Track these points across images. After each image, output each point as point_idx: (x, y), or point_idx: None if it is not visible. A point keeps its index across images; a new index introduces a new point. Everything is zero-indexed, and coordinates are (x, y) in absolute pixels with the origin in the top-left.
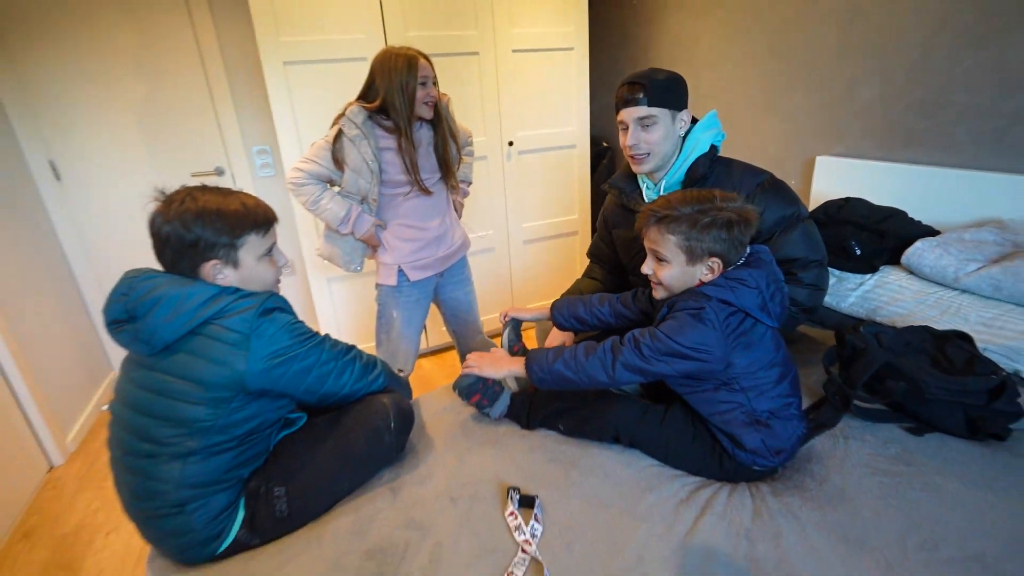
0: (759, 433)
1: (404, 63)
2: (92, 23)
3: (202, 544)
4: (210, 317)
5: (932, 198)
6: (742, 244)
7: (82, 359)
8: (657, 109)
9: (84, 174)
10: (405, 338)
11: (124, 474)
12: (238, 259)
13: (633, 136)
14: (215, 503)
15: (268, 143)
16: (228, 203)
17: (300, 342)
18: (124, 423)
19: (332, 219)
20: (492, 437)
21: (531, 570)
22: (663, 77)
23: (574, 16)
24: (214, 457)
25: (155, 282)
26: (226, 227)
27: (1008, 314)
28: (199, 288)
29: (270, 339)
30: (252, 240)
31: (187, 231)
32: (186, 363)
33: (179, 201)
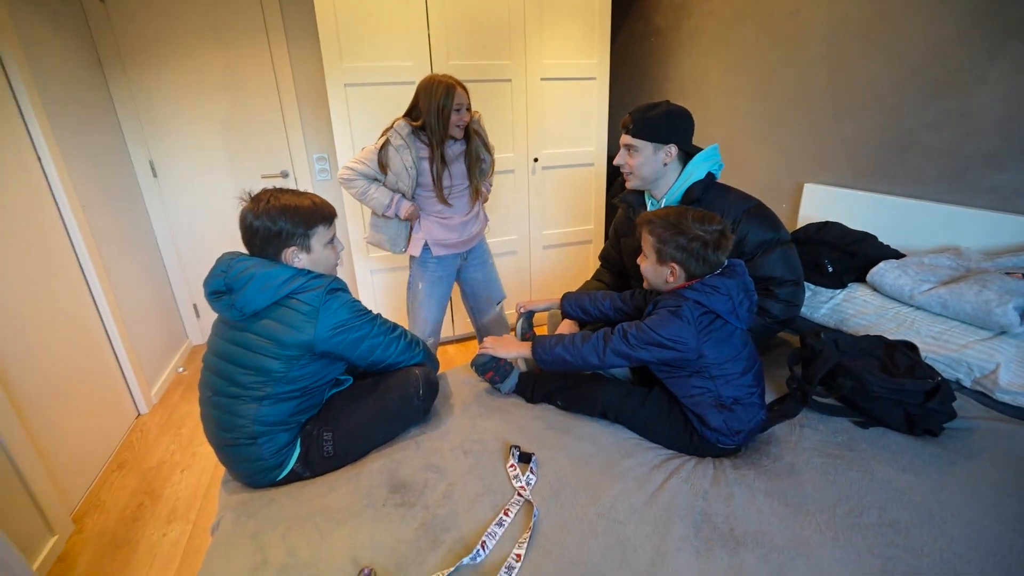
0: (722, 415)
1: (443, 90)
2: (191, 48)
3: (267, 471)
4: (289, 292)
5: (902, 225)
6: (705, 259)
7: (165, 328)
8: (639, 140)
9: (175, 172)
10: (425, 307)
11: (212, 410)
12: (310, 246)
13: (620, 157)
14: (280, 439)
15: (326, 151)
16: (302, 201)
17: (357, 316)
18: (216, 370)
19: (378, 205)
20: (501, 407)
21: (523, 510)
22: (654, 115)
23: (598, 49)
24: (282, 403)
25: (247, 263)
26: (302, 220)
27: (953, 330)
28: (282, 269)
29: (334, 312)
30: (320, 231)
31: (273, 223)
32: (269, 327)
33: (265, 200)
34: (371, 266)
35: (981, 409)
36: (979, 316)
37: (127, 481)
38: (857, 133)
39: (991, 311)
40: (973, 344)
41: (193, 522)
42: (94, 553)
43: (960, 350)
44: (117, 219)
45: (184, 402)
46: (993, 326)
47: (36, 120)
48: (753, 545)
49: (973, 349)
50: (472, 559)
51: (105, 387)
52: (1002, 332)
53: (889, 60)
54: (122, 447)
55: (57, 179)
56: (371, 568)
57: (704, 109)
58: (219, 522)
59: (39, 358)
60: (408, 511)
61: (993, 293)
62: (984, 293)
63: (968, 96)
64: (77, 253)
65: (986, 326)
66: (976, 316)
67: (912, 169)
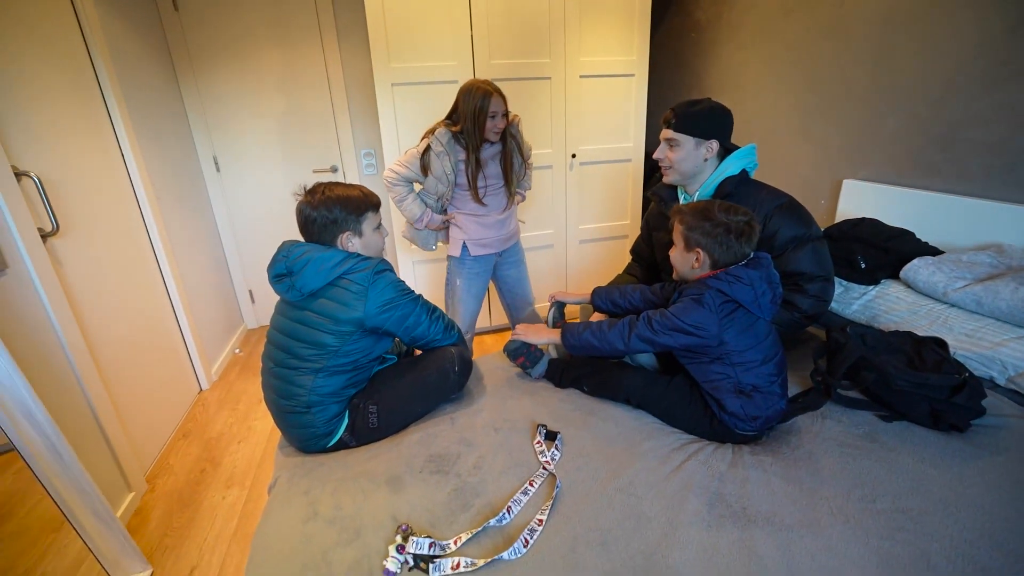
0: (740, 400)
1: (480, 97)
2: (251, 50)
3: (318, 438)
4: (342, 273)
5: (944, 222)
6: (729, 247)
7: (224, 313)
8: (680, 135)
9: (236, 166)
10: (463, 303)
11: (272, 379)
12: (362, 231)
13: (660, 151)
14: (331, 410)
15: (373, 147)
16: (352, 192)
17: (402, 295)
18: (277, 344)
19: (410, 216)
20: (531, 390)
21: (547, 482)
22: (696, 109)
23: (637, 46)
24: (335, 376)
25: (305, 248)
26: (354, 208)
27: (987, 327)
28: (335, 253)
29: (381, 291)
30: (370, 216)
31: (329, 212)
32: (325, 305)
33: (320, 192)
34: (413, 257)
35: (1014, 408)
36: (1015, 314)
37: (191, 449)
38: (901, 128)
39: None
40: (1008, 342)
41: (248, 488)
42: (164, 510)
43: (994, 348)
44: (185, 211)
45: (240, 380)
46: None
47: (121, 121)
48: (764, 523)
49: (1008, 347)
50: (498, 521)
51: (173, 364)
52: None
53: (936, 53)
54: (187, 419)
55: (137, 174)
56: (408, 524)
57: (743, 104)
58: (275, 481)
59: (121, 336)
60: (442, 478)
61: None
62: (1021, 290)
63: (1018, 90)
64: (153, 243)
65: (1022, 324)
66: (1012, 314)
67: (957, 165)
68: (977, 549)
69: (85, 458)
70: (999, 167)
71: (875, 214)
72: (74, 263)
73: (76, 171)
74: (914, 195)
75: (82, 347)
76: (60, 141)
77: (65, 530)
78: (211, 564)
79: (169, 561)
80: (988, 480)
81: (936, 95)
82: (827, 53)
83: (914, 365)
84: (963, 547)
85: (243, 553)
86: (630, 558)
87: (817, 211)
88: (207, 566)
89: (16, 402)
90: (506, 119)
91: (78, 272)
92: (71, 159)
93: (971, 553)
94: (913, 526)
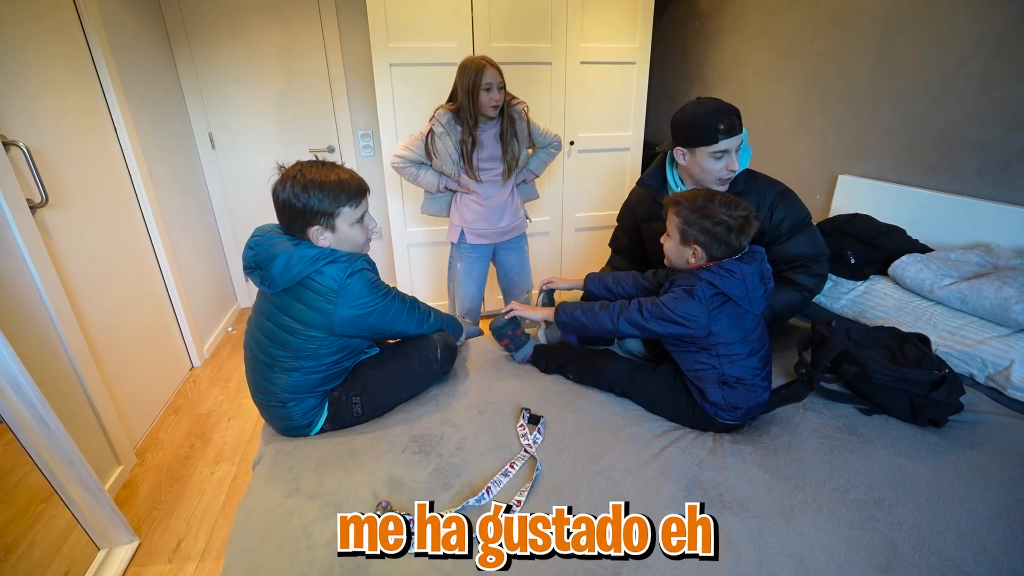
0: (722, 390)
1: (474, 70)
2: (250, 27)
3: (297, 428)
4: (311, 273)
5: (937, 221)
6: (727, 244)
7: (217, 289)
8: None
9: (231, 144)
10: (464, 286)
11: (250, 372)
12: (335, 225)
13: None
14: (307, 404)
15: (371, 128)
16: (329, 176)
17: (376, 298)
18: (253, 336)
19: (429, 186)
20: (517, 374)
21: (528, 464)
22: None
23: (639, 34)
24: (309, 376)
25: (274, 241)
26: (326, 197)
27: (970, 325)
28: (304, 249)
29: (355, 296)
30: (346, 211)
31: (297, 200)
32: (294, 306)
33: (292, 175)
34: (408, 240)
35: (991, 404)
36: (998, 312)
37: (181, 424)
38: (898, 124)
39: (1010, 308)
40: (989, 340)
41: (237, 464)
42: (153, 484)
43: (976, 345)
44: (179, 186)
45: (232, 358)
46: (1011, 323)
47: (114, 92)
48: (738, 509)
49: (989, 345)
50: (477, 501)
51: (165, 340)
52: (1020, 330)
53: (937, 49)
54: (177, 394)
55: (130, 148)
56: (387, 501)
57: (744, 96)
58: (260, 457)
59: (111, 309)
60: (424, 458)
61: (1013, 290)
62: (1004, 290)
63: (1014, 89)
64: (145, 217)
65: (1004, 323)
66: (995, 312)
67: (952, 162)
68: (943, 539)
69: (74, 431)
70: (994, 165)
71: (869, 210)
72: (64, 235)
73: (67, 142)
74: (908, 192)
75: (72, 320)
76: (50, 111)
77: (54, 501)
78: (198, 537)
79: (156, 533)
80: (960, 473)
81: (934, 92)
82: (828, 47)
83: (896, 360)
84: (930, 537)
85: (229, 527)
86: None
87: (812, 205)
88: (194, 539)
89: (3, 374)
90: (502, 93)
91: (68, 245)
92: (62, 130)
93: (937, 543)
94: (883, 515)
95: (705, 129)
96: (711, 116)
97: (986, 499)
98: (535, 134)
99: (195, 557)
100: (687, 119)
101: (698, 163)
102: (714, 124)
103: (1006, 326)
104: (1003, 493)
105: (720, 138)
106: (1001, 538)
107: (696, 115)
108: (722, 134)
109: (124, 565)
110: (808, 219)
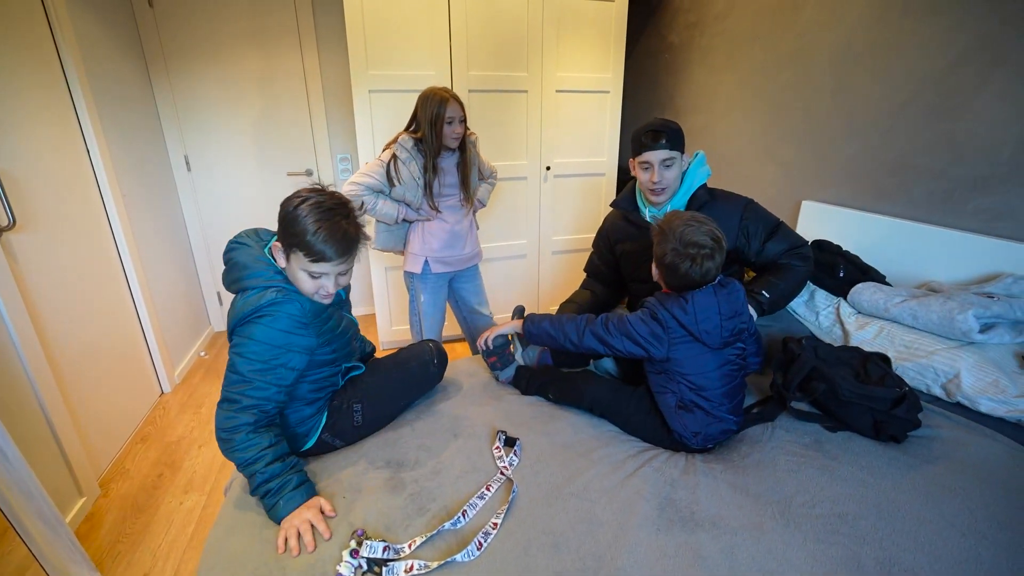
0: (680, 417)
1: (437, 103)
2: (229, 51)
3: (293, 439)
4: (245, 288)
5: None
6: (677, 273)
7: (190, 314)
8: (674, 152)
9: (208, 166)
10: (429, 316)
11: None
12: (290, 257)
13: (659, 174)
14: (304, 412)
15: (349, 151)
16: (318, 224)
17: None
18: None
19: (388, 218)
20: (496, 396)
21: (504, 486)
22: (674, 126)
23: (612, 64)
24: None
25: (240, 249)
26: (290, 232)
27: (922, 339)
28: (256, 268)
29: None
30: (297, 255)
31: (283, 210)
32: (231, 309)
33: (303, 196)
34: (385, 263)
35: (945, 419)
36: (944, 324)
37: (149, 453)
38: (856, 153)
39: (953, 318)
40: (939, 351)
41: (208, 493)
42: (118, 515)
43: (928, 356)
44: (153, 209)
45: (204, 384)
46: (956, 333)
47: (87, 113)
48: (710, 527)
49: (938, 355)
50: (453, 524)
51: (133, 365)
52: (968, 343)
53: (888, 85)
54: (146, 422)
55: (102, 168)
56: (363, 529)
57: (712, 125)
58: (231, 483)
59: (78, 334)
60: (399, 484)
61: (956, 303)
62: (948, 303)
63: (957, 121)
64: (116, 240)
65: (950, 334)
66: (942, 324)
67: (905, 190)
68: (904, 552)
69: (34, 461)
70: (940, 193)
71: (831, 235)
72: (31, 259)
73: (36, 165)
74: (867, 218)
75: (36, 346)
76: (20, 133)
77: (8, 537)
78: (164, 570)
79: (120, 567)
80: (919, 488)
81: (887, 124)
82: (790, 80)
83: (860, 378)
84: (892, 550)
85: (198, 558)
86: (580, 560)
87: None
88: (160, 572)
89: None
90: (463, 125)
91: (35, 268)
92: (31, 152)
93: (898, 556)
94: (848, 530)
95: (635, 142)
96: (641, 130)
97: (941, 511)
98: (480, 165)
99: None
100: (632, 133)
101: (636, 174)
102: (639, 137)
103: (952, 337)
104: (957, 504)
105: (643, 150)
106: (955, 547)
107: (635, 130)
108: (645, 147)
109: None
110: (776, 221)
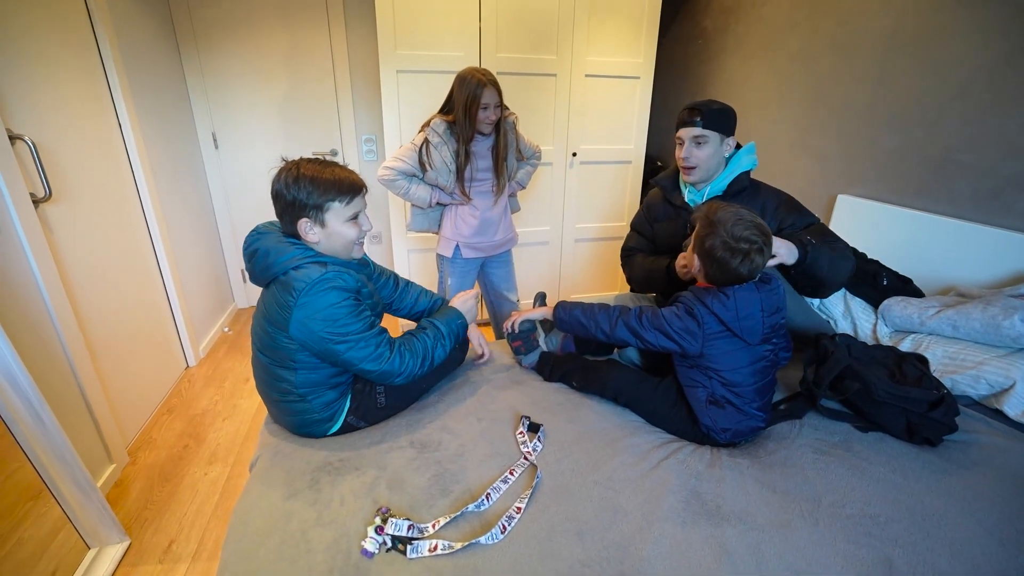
0: (711, 412)
1: (474, 86)
2: (258, 30)
3: (317, 423)
4: (285, 271)
5: (931, 242)
6: (724, 268)
7: (215, 290)
8: (709, 131)
9: (234, 144)
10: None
11: (258, 368)
12: (324, 220)
13: (687, 151)
14: (328, 396)
15: (375, 133)
16: (323, 173)
17: (344, 323)
18: (255, 333)
19: (421, 201)
20: (519, 380)
21: (527, 472)
22: (717, 107)
23: (644, 49)
24: (316, 371)
25: (259, 238)
26: (315, 192)
27: (966, 350)
28: (284, 246)
29: (314, 312)
30: (335, 206)
31: (287, 192)
32: (271, 302)
33: (288, 168)
34: (408, 246)
35: (986, 425)
36: (988, 332)
37: (175, 424)
38: (897, 147)
39: (999, 324)
40: (989, 360)
41: (231, 465)
42: (145, 483)
43: (976, 367)
44: (180, 185)
45: (228, 359)
46: (1003, 339)
47: (120, 88)
48: (736, 522)
49: (989, 365)
50: (477, 507)
51: (161, 338)
52: (1020, 349)
53: (936, 76)
54: (172, 394)
55: (133, 144)
56: (387, 507)
57: (745, 114)
58: (257, 459)
59: (109, 306)
60: (423, 464)
61: (998, 308)
62: (989, 309)
63: (1009, 117)
64: (146, 215)
65: (996, 342)
66: (986, 332)
67: (947, 186)
68: (940, 557)
69: (67, 427)
70: (987, 191)
71: (867, 230)
72: (65, 231)
73: (72, 138)
74: (905, 213)
75: (69, 316)
76: (57, 107)
77: (43, 498)
78: (190, 538)
79: (147, 533)
80: (955, 493)
81: (933, 117)
82: (830, 69)
83: (895, 378)
84: (926, 555)
85: (222, 529)
86: (605, 548)
87: None
88: (185, 540)
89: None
90: (499, 111)
91: (69, 240)
92: (67, 126)
93: (933, 561)
94: (879, 532)
95: (677, 117)
96: (684, 106)
97: (979, 518)
98: (522, 146)
99: (186, 558)
100: None
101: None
102: (680, 112)
103: (998, 345)
104: (995, 513)
105: (679, 126)
106: (994, 557)
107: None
108: (681, 123)
109: (114, 565)
110: (816, 220)
